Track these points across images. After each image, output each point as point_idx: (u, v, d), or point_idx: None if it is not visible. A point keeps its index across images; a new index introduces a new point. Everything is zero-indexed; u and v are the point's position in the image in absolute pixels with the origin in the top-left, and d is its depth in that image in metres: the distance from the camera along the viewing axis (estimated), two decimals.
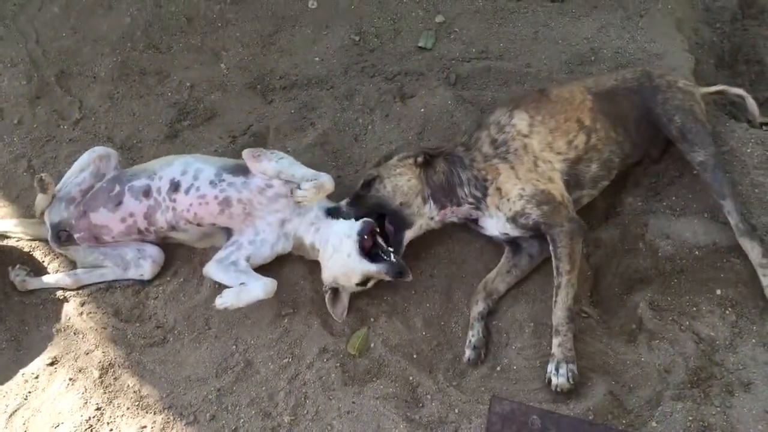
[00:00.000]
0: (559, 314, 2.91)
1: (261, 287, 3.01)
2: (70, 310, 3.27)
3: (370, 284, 3.13)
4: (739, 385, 2.81)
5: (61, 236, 3.28)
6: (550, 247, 3.00)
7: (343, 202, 3.25)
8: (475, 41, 4.10)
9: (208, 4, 4.28)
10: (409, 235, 3.21)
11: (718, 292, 3.07)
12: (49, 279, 3.34)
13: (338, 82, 3.97)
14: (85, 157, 3.38)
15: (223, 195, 3.13)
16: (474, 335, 3.05)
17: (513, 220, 3.08)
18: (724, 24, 4.35)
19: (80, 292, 3.32)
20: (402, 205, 3.19)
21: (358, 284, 3.09)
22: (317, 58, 4.08)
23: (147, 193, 3.20)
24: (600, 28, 4.09)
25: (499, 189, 3.10)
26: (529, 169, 3.10)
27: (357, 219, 3.14)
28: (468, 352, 3.03)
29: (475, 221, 3.24)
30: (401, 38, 4.15)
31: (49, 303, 3.32)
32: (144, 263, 3.28)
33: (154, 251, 3.30)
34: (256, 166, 3.15)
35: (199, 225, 3.21)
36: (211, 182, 3.16)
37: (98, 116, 3.92)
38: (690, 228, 3.24)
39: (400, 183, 3.21)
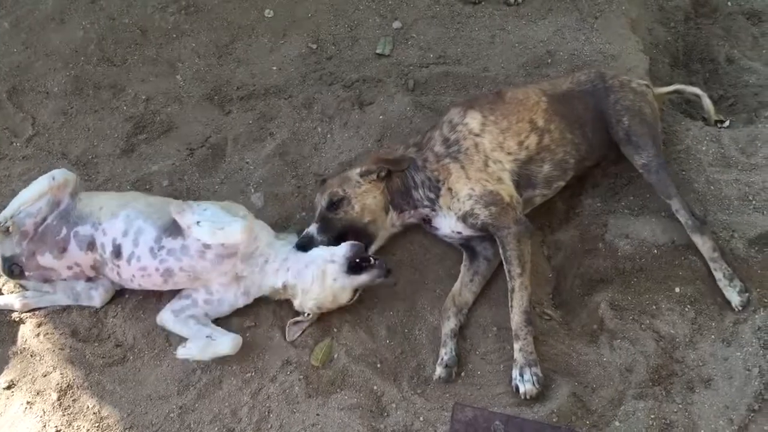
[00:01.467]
0: (516, 318, 2.92)
1: (228, 343, 2.96)
2: (27, 331, 3.19)
3: (356, 296, 3.09)
4: (699, 381, 2.84)
5: (14, 270, 3.17)
6: (500, 251, 3.01)
7: (313, 229, 3.16)
8: (432, 46, 4.10)
9: (162, 16, 4.22)
10: (373, 247, 3.22)
11: (677, 289, 3.10)
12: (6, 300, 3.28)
13: (296, 91, 3.94)
14: (44, 183, 3.13)
15: (163, 266, 3.02)
16: (447, 353, 3.00)
17: (463, 219, 3.09)
18: (677, 23, 4.41)
19: (36, 312, 3.23)
20: (369, 222, 3.19)
21: (348, 300, 3.07)
22: (274, 67, 4.05)
23: (91, 246, 3.09)
24: (556, 30, 4.12)
25: (450, 189, 3.11)
26: (479, 168, 3.11)
27: (330, 244, 3.11)
28: (439, 370, 2.97)
29: (429, 222, 3.25)
30: (359, 45, 4.14)
31: (5, 325, 3.23)
32: (95, 294, 3.20)
33: (106, 281, 3.20)
34: (181, 222, 2.97)
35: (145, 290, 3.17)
36: (151, 250, 3.01)
37: (52, 132, 3.84)
38: (648, 227, 3.27)
39: (368, 202, 3.19)
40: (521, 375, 2.85)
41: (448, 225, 3.18)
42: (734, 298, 2.99)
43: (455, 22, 4.21)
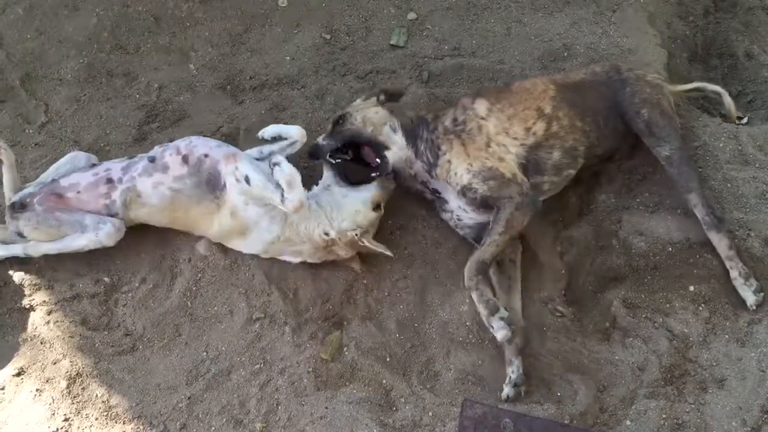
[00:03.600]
0: (468, 264, 2.92)
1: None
2: (37, 319, 3.19)
3: (382, 207, 3.23)
4: (712, 381, 2.81)
5: (15, 204, 3.22)
6: (493, 214, 3.00)
7: (319, 138, 3.32)
8: (447, 38, 4.07)
9: (176, 3, 4.20)
10: (390, 156, 3.22)
11: (692, 288, 3.07)
12: (9, 249, 3.27)
13: (309, 82, 3.92)
14: (65, 157, 3.41)
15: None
16: (514, 371, 2.90)
17: (462, 193, 3.10)
18: (696, 18, 4.34)
19: (47, 300, 3.23)
20: (373, 132, 3.25)
21: (374, 209, 3.18)
22: (288, 57, 4.03)
23: (132, 157, 3.29)
24: (572, 23, 4.07)
25: (449, 162, 3.13)
26: (479, 147, 3.12)
27: (337, 150, 3.26)
28: (507, 390, 2.87)
29: (437, 193, 3.25)
30: (373, 36, 4.11)
31: (15, 312, 3.23)
32: (103, 227, 3.16)
33: (115, 219, 3.19)
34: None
35: (185, 160, 3.16)
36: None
37: (64, 119, 3.83)
38: (663, 224, 3.24)
39: (369, 114, 3.30)
40: (491, 325, 2.81)
41: (455, 200, 3.19)
42: (749, 297, 2.95)
43: (471, 14, 4.17)
